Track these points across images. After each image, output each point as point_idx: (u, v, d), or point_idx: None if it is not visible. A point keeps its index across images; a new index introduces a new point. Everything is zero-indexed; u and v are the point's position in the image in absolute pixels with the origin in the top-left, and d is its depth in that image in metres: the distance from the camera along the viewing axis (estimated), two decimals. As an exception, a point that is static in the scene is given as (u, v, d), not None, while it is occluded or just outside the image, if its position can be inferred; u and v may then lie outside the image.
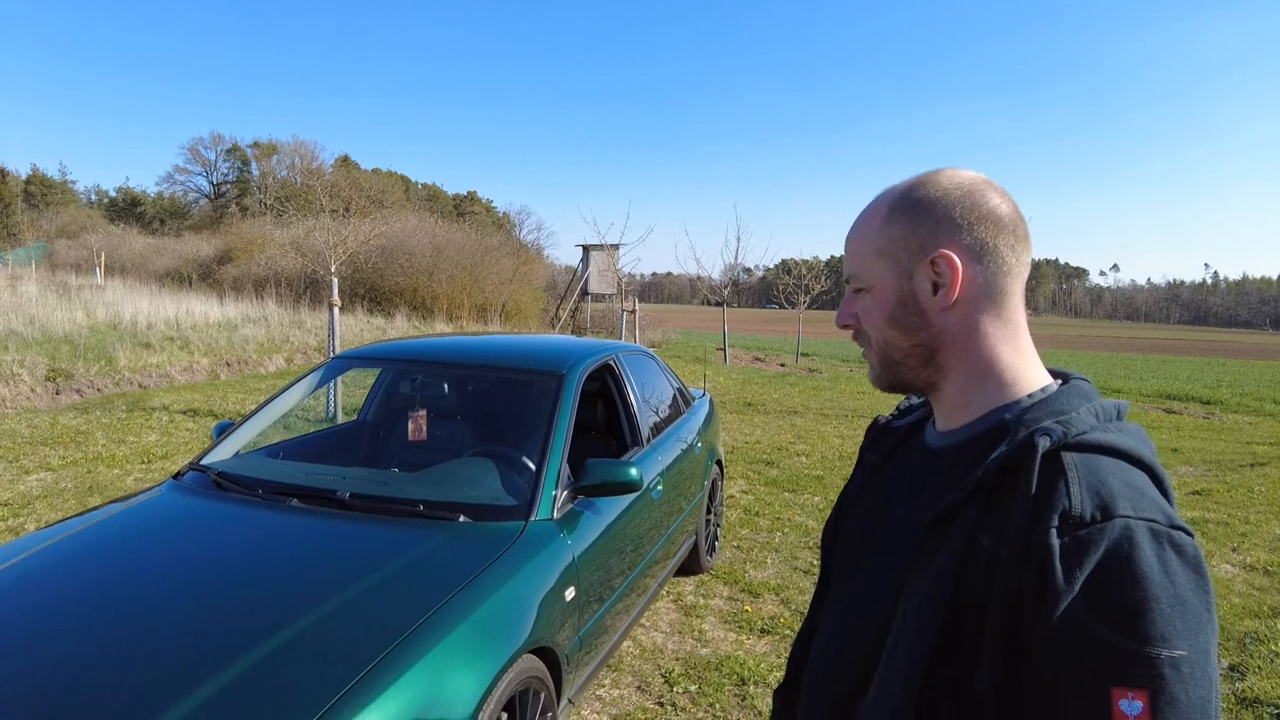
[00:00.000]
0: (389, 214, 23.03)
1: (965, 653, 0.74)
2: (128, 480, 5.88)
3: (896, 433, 1.02)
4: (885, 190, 0.90)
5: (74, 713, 1.65)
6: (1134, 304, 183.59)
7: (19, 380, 9.20)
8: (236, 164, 57.96)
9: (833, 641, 0.93)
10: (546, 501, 2.61)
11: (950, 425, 0.89)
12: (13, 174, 54.69)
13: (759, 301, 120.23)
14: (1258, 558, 5.05)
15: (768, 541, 5.12)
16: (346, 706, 1.67)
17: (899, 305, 0.86)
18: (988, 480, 0.77)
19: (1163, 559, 0.68)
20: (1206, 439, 10.81)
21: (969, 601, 0.74)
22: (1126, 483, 0.73)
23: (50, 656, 1.83)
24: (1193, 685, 0.65)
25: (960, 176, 0.87)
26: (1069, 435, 0.75)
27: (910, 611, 0.78)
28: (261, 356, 13.10)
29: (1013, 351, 0.86)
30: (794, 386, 15.15)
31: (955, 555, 0.76)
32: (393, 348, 3.83)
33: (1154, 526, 0.69)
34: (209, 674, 1.72)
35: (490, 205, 69.09)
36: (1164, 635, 0.65)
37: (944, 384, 0.88)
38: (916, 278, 0.85)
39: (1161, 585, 0.67)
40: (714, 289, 21.88)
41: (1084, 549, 0.69)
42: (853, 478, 1.04)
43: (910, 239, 0.85)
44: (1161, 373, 25.91)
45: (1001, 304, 0.85)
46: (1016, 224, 0.85)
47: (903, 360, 0.88)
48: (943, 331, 0.85)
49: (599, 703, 3.12)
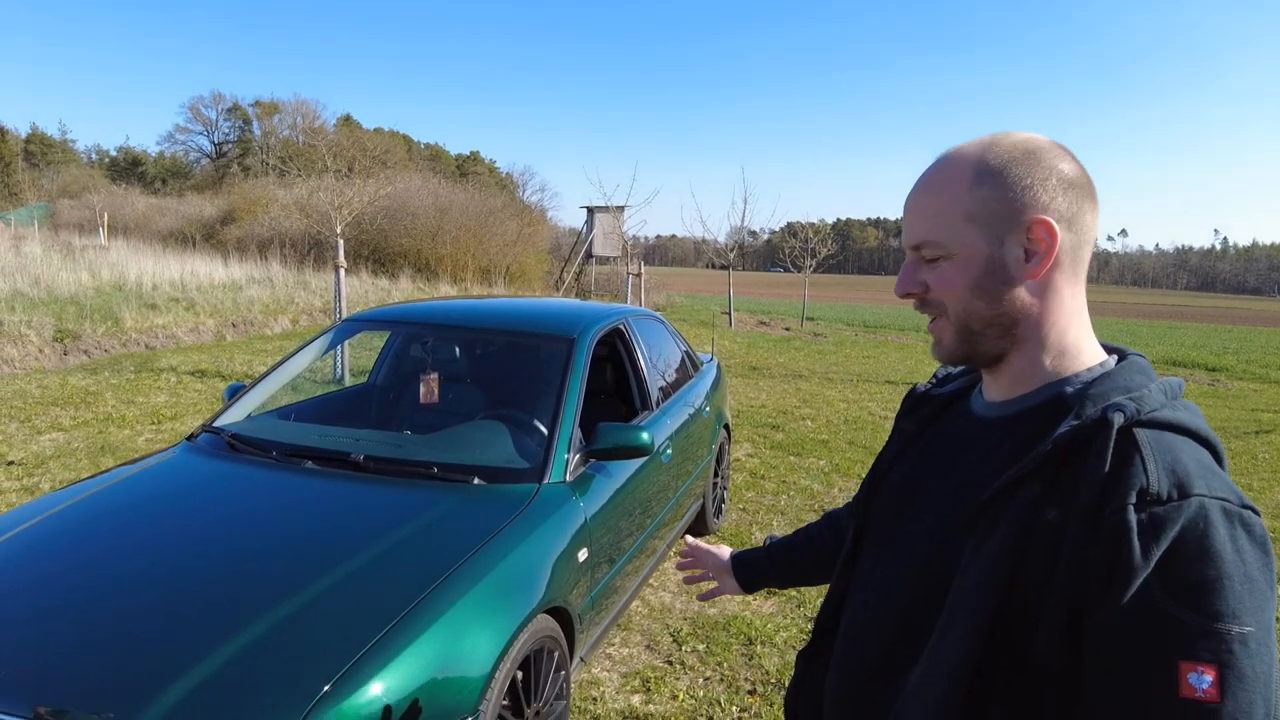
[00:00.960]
0: (392, 174, 22.82)
1: (1024, 628, 0.74)
2: (139, 441, 5.93)
3: (934, 401, 1.01)
4: (955, 153, 0.85)
5: (98, 667, 1.68)
6: (1141, 270, 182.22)
7: (27, 341, 9.23)
8: (238, 123, 57.41)
9: (867, 609, 0.93)
10: (559, 465, 2.62)
11: (1005, 396, 0.88)
12: (12, 132, 54.23)
13: (764, 265, 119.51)
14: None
15: (773, 504, 5.17)
16: (367, 665, 1.70)
17: (986, 273, 0.83)
18: (1056, 454, 0.76)
19: (1234, 538, 0.69)
20: (1211, 406, 10.81)
21: (1030, 576, 0.73)
22: (1199, 461, 0.73)
23: (72, 616, 1.86)
24: (1259, 660, 0.66)
25: (1035, 139, 0.84)
26: (1141, 412, 0.75)
27: (968, 586, 0.77)
28: (267, 318, 13.11)
29: (1081, 323, 0.85)
30: (799, 351, 15.14)
31: (1017, 529, 0.75)
32: (403, 311, 3.83)
33: (1226, 506, 0.70)
34: (231, 634, 1.74)
35: (494, 166, 68.38)
36: (1235, 612, 0.66)
37: (1015, 355, 0.86)
38: (1009, 244, 0.82)
39: (1234, 564, 0.68)
40: (719, 252, 21.75)
41: (1160, 526, 0.69)
42: (888, 445, 1.03)
43: (1003, 203, 0.82)
44: (1168, 339, 25.83)
45: (1079, 271, 0.85)
46: (1092, 189, 0.84)
47: (983, 330, 0.85)
48: (1026, 300, 0.83)
49: (609, 661, 3.17)
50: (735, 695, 2.96)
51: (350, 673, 1.68)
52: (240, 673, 1.66)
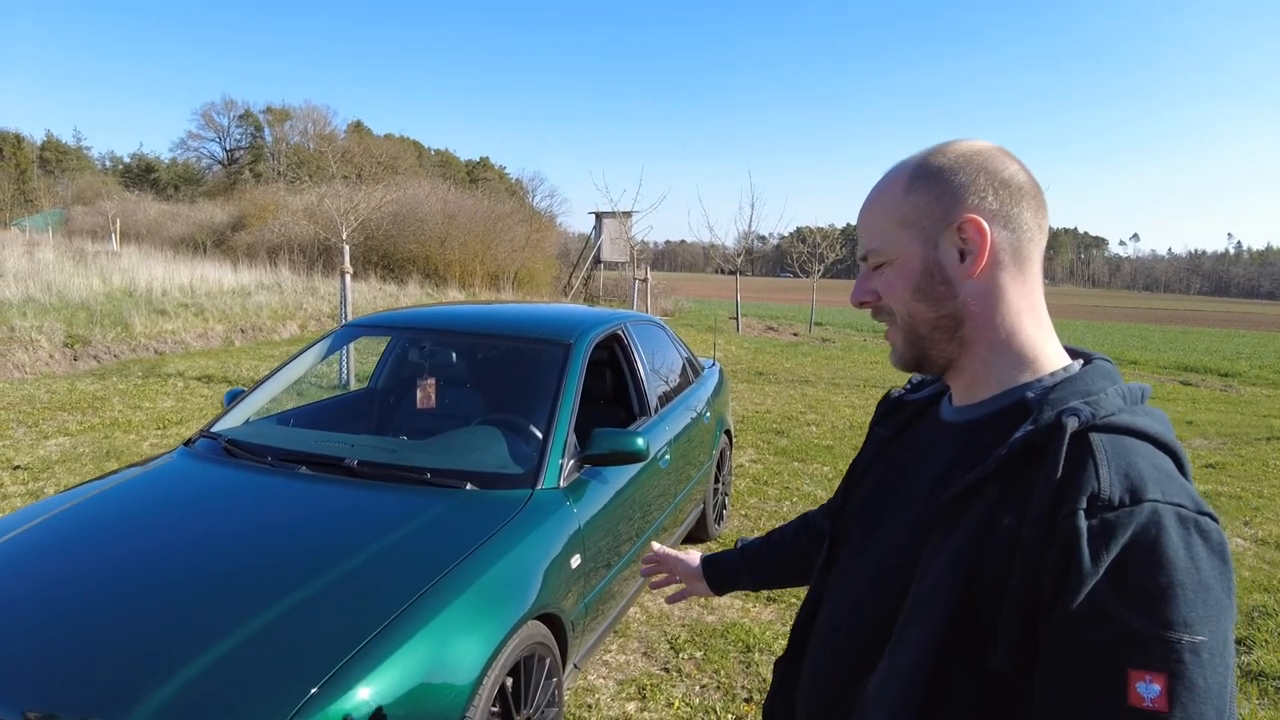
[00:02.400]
0: (402, 180, 22.95)
1: (979, 632, 0.73)
2: (144, 445, 5.96)
3: (909, 407, 1.01)
4: (900, 163, 0.89)
5: (82, 676, 1.68)
6: (1153, 274, 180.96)
7: (37, 346, 9.31)
8: (250, 130, 57.82)
9: (838, 615, 0.93)
10: (553, 470, 2.62)
11: (967, 400, 0.88)
12: (28, 140, 54.88)
13: (773, 270, 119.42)
14: (1270, 532, 5.03)
15: (775, 510, 5.15)
16: (353, 670, 1.69)
17: (925, 275, 0.85)
18: (1011, 459, 0.75)
19: (1189, 544, 0.67)
20: (1223, 411, 10.71)
21: (985, 581, 0.73)
22: (1155, 466, 0.72)
23: (61, 622, 1.86)
24: (1210, 670, 0.65)
25: (977, 145, 0.86)
26: (1097, 416, 0.74)
27: (924, 591, 0.77)
28: (275, 323, 13.19)
29: (1034, 323, 0.85)
30: (806, 356, 15.10)
31: (973, 534, 0.75)
32: (401, 316, 3.84)
33: (1181, 511, 0.69)
34: (218, 637, 1.75)
35: (503, 172, 68.61)
36: (1186, 620, 0.65)
37: (966, 358, 0.86)
38: (942, 246, 0.84)
39: (1186, 571, 0.66)
40: (727, 257, 21.75)
41: (1111, 532, 0.68)
42: (862, 451, 1.03)
43: (934, 206, 0.84)
44: (1180, 344, 25.62)
45: (1025, 272, 0.85)
46: (1035, 190, 0.85)
47: (929, 334, 0.86)
48: (969, 301, 0.84)
49: (605, 668, 3.16)
50: (731, 703, 2.94)
51: (337, 676, 1.67)
52: (227, 675, 1.66)
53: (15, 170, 50.48)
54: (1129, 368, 17.40)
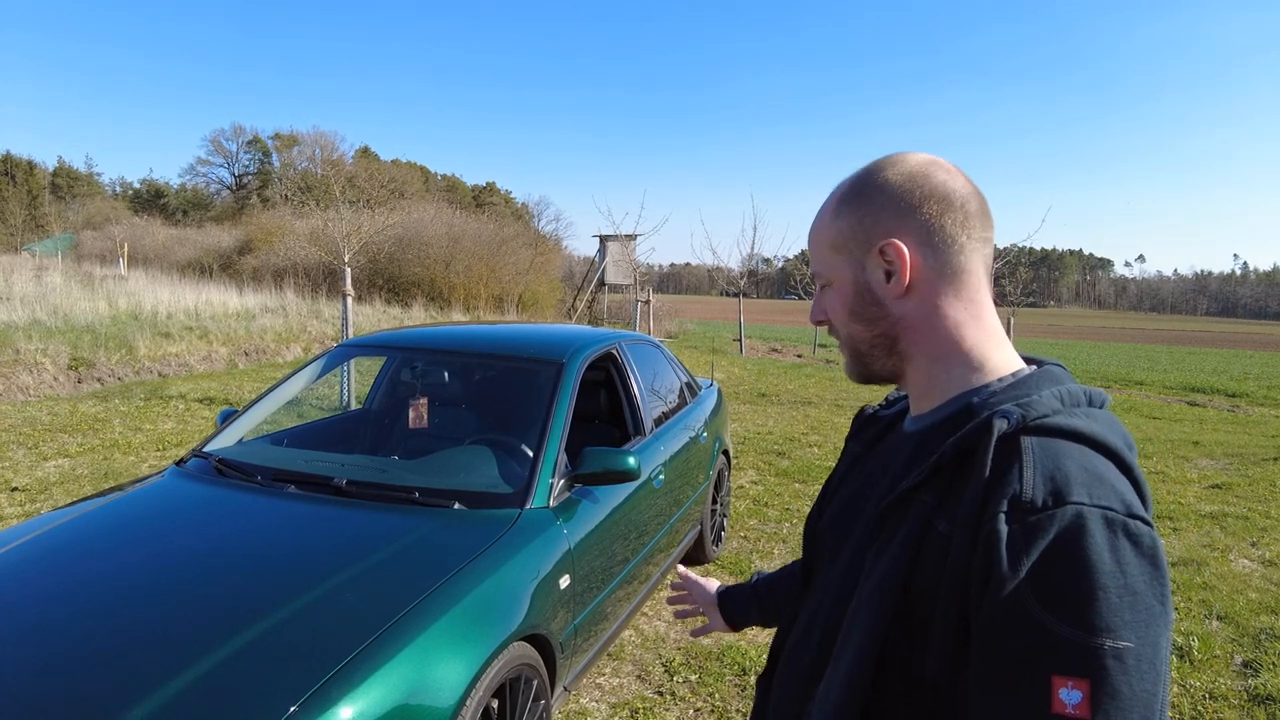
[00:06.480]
0: (407, 204, 23.12)
1: (916, 638, 0.73)
2: (142, 467, 5.96)
3: (881, 422, 1.01)
4: (837, 185, 0.90)
5: (61, 692, 1.67)
6: (1160, 295, 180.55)
7: (42, 369, 9.35)
8: (258, 155, 58.47)
9: (801, 627, 0.93)
10: (543, 489, 2.60)
11: (920, 410, 0.88)
12: (40, 166, 55.61)
13: (778, 292, 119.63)
14: (1277, 553, 4.95)
15: (775, 532, 5.10)
16: (333, 689, 1.67)
17: (857, 297, 0.86)
18: (945, 464, 0.75)
19: (1115, 548, 0.65)
20: (1230, 432, 10.62)
21: (921, 587, 0.73)
22: (1085, 468, 0.70)
23: (40, 639, 1.85)
24: (1137, 678, 0.63)
25: (906, 161, 0.86)
26: (1028, 418, 0.73)
27: (865, 595, 0.77)
28: (279, 346, 13.23)
29: (977, 332, 0.84)
30: (810, 377, 15.06)
31: (911, 540, 0.75)
32: (394, 336, 3.84)
33: (1109, 514, 0.67)
34: (195, 658, 1.73)
35: (509, 196, 69.15)
36: (1109, 626, 0.63)
37: (909, 370, 0.87)
38: (869, 268, 0.85)
39: (1111, 575, 0.64)
40: (731, 279, 21.81)
41: (1032, 535, 0.67)
42: (836, 467, 1.04)
43: (858, 229, 0.85)
44: (1186, 364, 25.48)
45: (960, 283, 0.83)
46: (966, 200, 0.83)
47: (868, 351, 0.88)
48: (902, 319, 0.85)
49: (598, 691, 3.11)
50: (726, 727, 2.89)
51: (317, 695, 1.65)
52: (208, 692, 1.65)
53: (27, 196, 51.14)
54: (1135, 389, 17.30)
